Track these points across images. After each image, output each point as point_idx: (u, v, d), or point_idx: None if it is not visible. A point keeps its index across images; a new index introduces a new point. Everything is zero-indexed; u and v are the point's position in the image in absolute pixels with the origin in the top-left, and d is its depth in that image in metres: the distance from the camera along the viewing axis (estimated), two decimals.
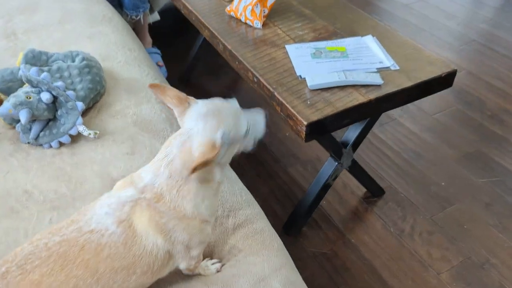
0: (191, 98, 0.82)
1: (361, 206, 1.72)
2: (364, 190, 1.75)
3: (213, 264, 0.94)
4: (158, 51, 2.41)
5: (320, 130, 1.19)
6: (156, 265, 0.79)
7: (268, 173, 1.87)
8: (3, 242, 0.96)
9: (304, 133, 1.17)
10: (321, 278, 1.49)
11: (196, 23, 1.66)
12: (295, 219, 1.62)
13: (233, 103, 0.82)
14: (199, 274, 0.92)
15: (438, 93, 1.39)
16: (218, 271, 0.93)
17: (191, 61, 2.35)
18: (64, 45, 1.55)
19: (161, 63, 2.36)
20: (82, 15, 1.70)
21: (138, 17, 2.22)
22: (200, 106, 0.80)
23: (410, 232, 1.61)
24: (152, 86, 0.84)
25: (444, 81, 1.32)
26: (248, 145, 0.85)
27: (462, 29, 2.77)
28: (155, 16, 2.47)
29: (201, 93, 2.30)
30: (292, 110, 1.18)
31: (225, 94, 1.43)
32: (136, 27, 2.28)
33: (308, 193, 1.59)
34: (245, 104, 0.80)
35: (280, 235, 1.61)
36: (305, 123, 1.15)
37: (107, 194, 0.82)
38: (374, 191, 1.73)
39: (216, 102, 0.81)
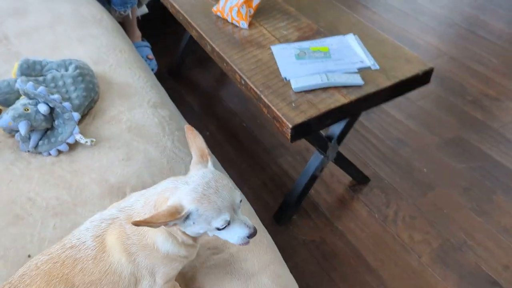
0: (210, 159, 0.83)
1: (348, 194, 1.81)
2: (350, 178, 1.84)
3: None
4: (148, 44, 2.45)
5: (305, 131, 1.26)
6: (121, 286, 0.83)
7: (259, 165, 1.95)
8: (12, 248, 1.04)
9: (289, 134, 1.24)
10: (311, 264, 1.59)
11: (184, 22, 1.70)
12: (285, 208, 1.71)
13: (235, 197, 0.81)
14: None
15: None
16: None
17: (181, 53, 2.39)
18: (56, 48, 1.60)
19: (151, 56, 2.40)
20: (72, 17, 1.74)
21: (127, 12, 2.25)
22: (207, 173, 0.80)
23: (394, 218, 1.71)
24: (188, 129, 0.87)
25: (421, 79, 1.39)
26: (217, 237, 0.84)
27: (446, 13, 2.82)
28: (143, 9, 2.49)
29: (192, 87, 2.38)
30: (278, 113, 1.25)
31: (215, 88, 1.47)
32: (124, 22, 2.31)
33: (297, 184, 1.68)
34: (235, 96, 0.84)
35: (271, 224, 1.71)
36: (290, 125, 1.22)
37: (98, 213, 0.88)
38: (360, 179, 1.82)
39: (220, 184, 0.79)
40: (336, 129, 1.57)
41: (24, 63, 1.31)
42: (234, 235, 0.82)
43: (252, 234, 0.82)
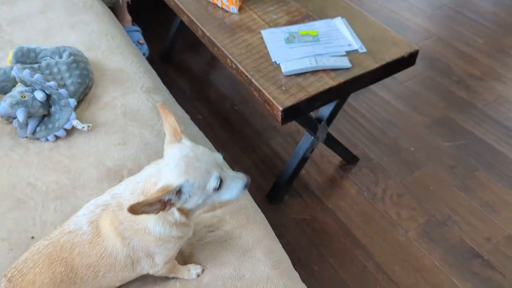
0: (183, 136, 0.87)
1: (337, 174, 1.87)
2: (340, 158, 1.90)
3: (195, 270, 1.00)
4: (139, 29, 2.46)
5: (295, 113, 1.31)
6: (118, 267, 0.88)
7: (250, 147, 1.99)
8: (15, 231, 1.08)
9: (280, 117, 1.28)
10: (302, 241, 1.66)
11: (175, 8, 1.72)
12: (277, 189, 1.76)
13: (214, 157, 0.85)
14: (176, 278, 0.99)
15: None
16: (198, 276, 0.99)
17: (172, 38, 2.41)
18: (48, 35, 1.61)
19: (142, 41, 2.41)
20: (63, 3, 1.75)
21: None
22: (183, 147, 0.84)
23: (382, 196, 1.78)
24: (161, 107, 0.90)
25: (407, 61, 1.43)
26: (220, 200, 0.89)
27: None
28: None
29: (183, 71, 2.41)
30: (269, 96, 1.29)
31: (207, 72, 1.48)
32: (115, 7, 2.31)
33: (288, 165, 1.73)
34: (226, 80, 0.86)
35: (264, 204, 1.77)
36: (281, 108, 1.26)
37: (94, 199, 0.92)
38: (349, 159, 1.88)
39: (198, 152, 0.83)
40: (325, 111, 1.61)
41: (19, 50, 1.34)
42: (233, 189, 0.86)
43: (247, 183, 0.88)
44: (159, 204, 0.77)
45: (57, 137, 1.26)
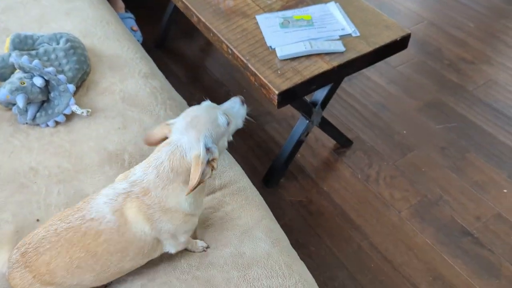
0: (170, 121, 0.94)
1: (332, 157, 1.91)
2: (334, 142, 1.93)
3: (201, 243, 1.06)
4: (132, 16, 2.45)
5: (291, 97, 1.34)
6: (146, 249, 0.93)
7: (246, 132, 2.01)
8: (19, 214, 1.10)
9: (276, 101, 1.31)
10: (299, 222, 1.70)
11: None
12: (273, 172, 1.80)
13: (207, 106, 0.95)
14: (187, 250, 1.04)
15: None
16: (204, 251, 1.05)
17: (165, 24, 2.41)
18: (43, 22, 1.62)
19: (135, 27, 2.41)
20: None
21: None
22: (180, 121, 0.92)
23: (375, 178, 1.82)
24: (145, 142, 0.96)
25: (400, 44, 1.46)
26: (234, 129, 1.00)
27: None
28: None
29: (178, 57, 2.42)
30: (265, 80, 1.32)
31: (201, 57, 1.49)
32: None
33: (284, 149, 1.76)
34: (221, 66, 0.90)
35: (260, 188, 1.80)
36: (277, 92, 1.29)
37: (109, 185, 0.94)
38: (343, 142, 1.92)
39: (191, 114, 0.93)
40: (320, 95, 1.64)
41: (16, 37, 1.34)
42: (238, 113, 1.00)
43: (242, 100, 1.03)
44: (205, 171, 0.87)
45: (57, 123, 1.28)
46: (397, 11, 2.61)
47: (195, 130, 0.89)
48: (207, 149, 0.89)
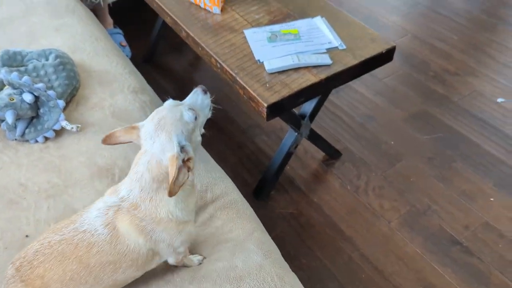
0: (137, 124, 0.94)
1: (321, 168, 1.92)
2: (323, 153, 1.95)
3: (196, 258, 1.07)
4: (120, 31, 2.47)
5: (279, 109, 1.35)
6: (140, 260, 0.93)
7: (236, 145, 2.03)
8: (9, 230, 1.10)
9: (265, 113, 1.33)
10: (290, 235, 1.71)
11: (158, 9, 1.75)
12: (263, 185, 1.81)
13: (170, 104, 0.94)
14: (184, 266, 1.05)
15: None
16: (200, 263, 1.06)
17: (154, 39, 2.43)
18: (32, 39, 1.62)
19: (124, 43, 2.43)
20: (45, 6, 1.76)
21: (97, 0, 2.26)
22: (146, 126, 0.92)
23: (364, 188, 1.84)
24: (104, 142, 0.96)
25: (385, 57, 1.50)
26: (204, 120, 1.00)
27: None
28: None
29: (166, 72, 2.44)
30: (253, 93, 1.34)
31: (189, 72, 1.52)
32: (96, 10, 2.32)
33: (273, 161, 1.77)
34: (210, 80, 0.89)
35: (251, 200, 1.80)
36: (265, 105, 1.30)
37: (99, 199, 0.95)
38: (332, 154, 1.93)
39: (157, 116, 0.91)
40: (308, 107, 1.66)
41: (5, 54, 1.35)
42: (205, 109, 1.01)
43: (203, 88, 1.02)
44: (181, 171, 0.85)
45: (46, 138, 1.28)
46: (382, 24, 2.66)
47: (165, 131, 0.88)
48: (181, 148, 0.88)
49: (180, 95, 1.96)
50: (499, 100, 2.16)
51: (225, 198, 1.21)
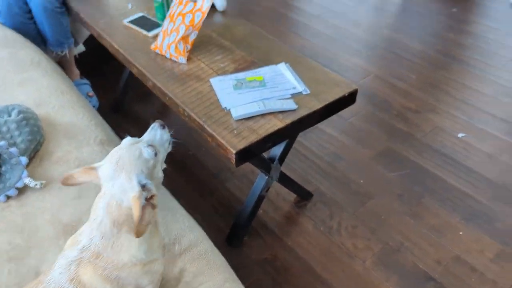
0: (95, 164, 0.93)
1: (294, 210, 1.92)
2: (295, 195, 1.96)
3: None
4: (87, 82, 2.47)
5: (248, 155, 1.36)
6: None
7: (207, 190, 2.02)
8: None
9: (234, 160, 1.33)
10: (266, 280, 1.68)
11: (124, 61, 1.77)
12: (236, 230, 1.78)
13: (128, 143, 0.93)
14: None
15: None
16: None
17: (122, 88, 2.44)
18: None
19: (91, 93, 2.42)
20: (10, 61, 1.75)
21: (64, 52, 2.27)
22: (104, 167, 0.90)
23: (337, 228, 1.84)
24: (63, 183, 0.94)
25: (348, 99, 1.55)
26: (164, 156, 0.99)
27: (368, 36, 3.08)
28: (80, 48, 2.52)
29: (135, 120, 2.43)
30: (221, 141, 1.35)
31: (159, 119, 1.55)
32: (62, 62, 2.32)
33: (245, 206, 1.76)
34: (179, 126, 0.90)
35: (224, 248, 1.78)
36: (234, 151, 1.31)
37: (61, 254, 0.92)
38: (304, 195, 1.94)
39: (116, 155, 0.90)
40: (277, 150, 1.68)
41: None
42: (165, 144, 1.00)
43: (161, 124, 1.01)
44: (145, 210, 0.83)
45: (8, 197, 1.24)
46: (345, 67, 2.77)
47: (124, 171, 0.87)
48: (143, 187, 0.86)
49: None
50: (460, 135, 2.24)
51: (195, 249, 1.18)
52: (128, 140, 0.94)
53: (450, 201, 1.92)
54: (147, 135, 0.98)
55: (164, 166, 0.99)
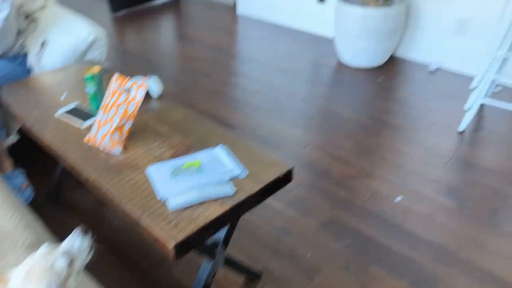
0: (7, 275, 0.90)
1: None
2: (244, 276, 1.91)
3: None
4: (21, 172, 2.36)
5: (187, 247, 1.33)
6: None
7: (152, 280, 1.92)
8: None
9: (173, 254, 1.29)
10: None
11: (55, 155, 1.72)
12: None
13: (43, 252, 0.92)
14: None
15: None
16: None
17: (58, 177, 2.35)
18: None
19: (25, 184, 2.32)
20: None
21: None
22: (14, 277, 0.88)
23: None
24: None
25: (284, 179, 1.57)
26: (81, 265, 0.97)
27: (304, 107, 3.23)
28: (12, 138, 2.44)
29: (73, 210, 2.33)
30: (158, 235, 1.31)
31: (98, 206, 1.48)
32: None
33: None
34: (120, 213, 0.86)
35: None
36: (171, 245, 1.27)
37: None
38: (252, 276, 1.90)
39: (27, 266, 0.88)
40: (220, 234, 1.65)
41: None
42: (83, 252, 0.99)
43: (84, 231, 1.00)
44: None
45: None
46: (284, 138, 2.85)
47: (33, 284, 0.85)
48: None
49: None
50: (397, 199, 2.33)
51: None
52: (45, 247, 0.93)
53: (395, 267, 1.95)
54: (66, 242, 0.98)
55: (82, 274, 0.97)
